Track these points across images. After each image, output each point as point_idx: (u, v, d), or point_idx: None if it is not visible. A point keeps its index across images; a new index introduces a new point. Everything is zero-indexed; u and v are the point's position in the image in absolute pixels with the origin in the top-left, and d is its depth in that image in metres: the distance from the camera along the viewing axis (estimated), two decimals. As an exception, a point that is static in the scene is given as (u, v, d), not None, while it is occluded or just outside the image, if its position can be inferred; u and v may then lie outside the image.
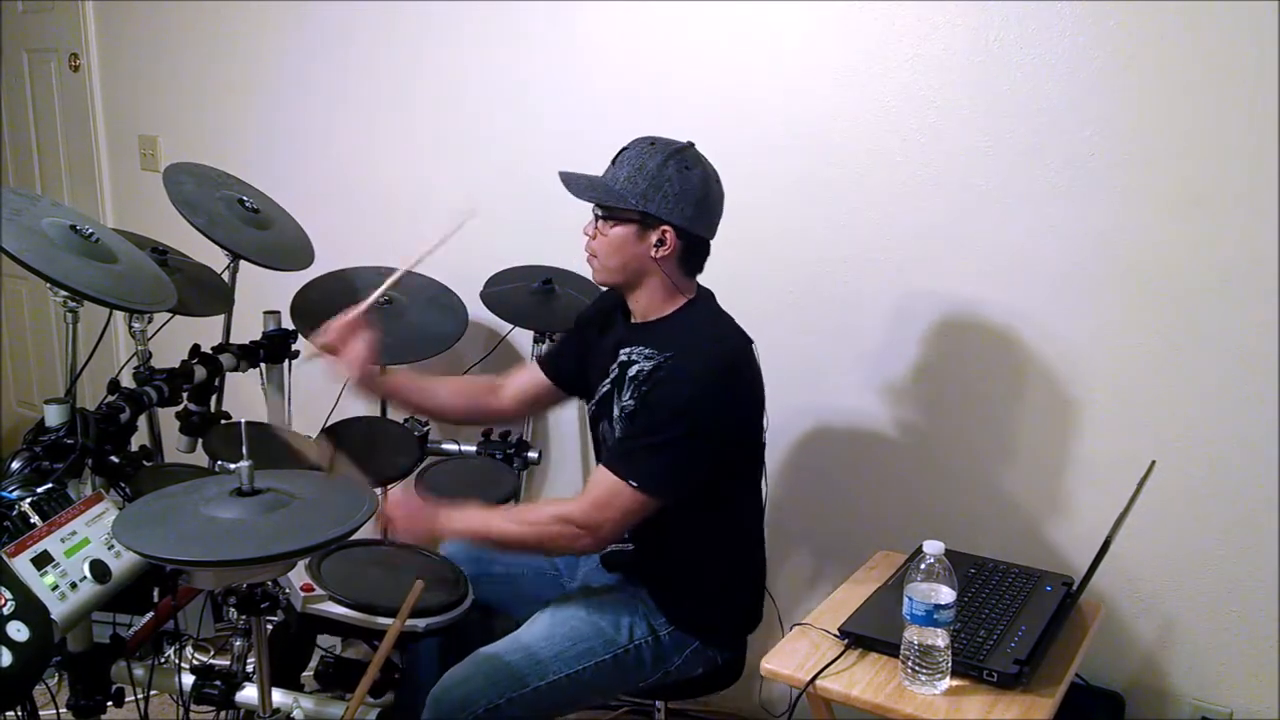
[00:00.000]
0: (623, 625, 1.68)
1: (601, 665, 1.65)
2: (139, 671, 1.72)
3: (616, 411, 1.68)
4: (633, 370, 1.65)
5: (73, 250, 1.70)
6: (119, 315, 2.85)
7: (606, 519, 1.59)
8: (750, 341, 1.69)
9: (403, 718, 1.71)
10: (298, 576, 1.64)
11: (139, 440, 1.95)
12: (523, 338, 2.51)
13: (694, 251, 1.67)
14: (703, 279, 1.82)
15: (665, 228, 1.61)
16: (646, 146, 1.64)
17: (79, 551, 1.43)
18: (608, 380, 1.70)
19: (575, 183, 1.67)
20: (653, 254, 1.63)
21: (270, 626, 1.71)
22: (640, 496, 1.57)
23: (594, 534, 1.61)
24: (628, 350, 1.68)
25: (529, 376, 1.91)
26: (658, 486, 1.58)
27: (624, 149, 1.66)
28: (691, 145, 1.67)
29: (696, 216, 1.62)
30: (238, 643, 1.89)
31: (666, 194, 1.60)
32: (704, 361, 1.60)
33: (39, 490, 1.51)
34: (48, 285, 1.69)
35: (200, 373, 2.05)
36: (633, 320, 1.72)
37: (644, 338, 1.67)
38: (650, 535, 1.72)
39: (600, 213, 1.67)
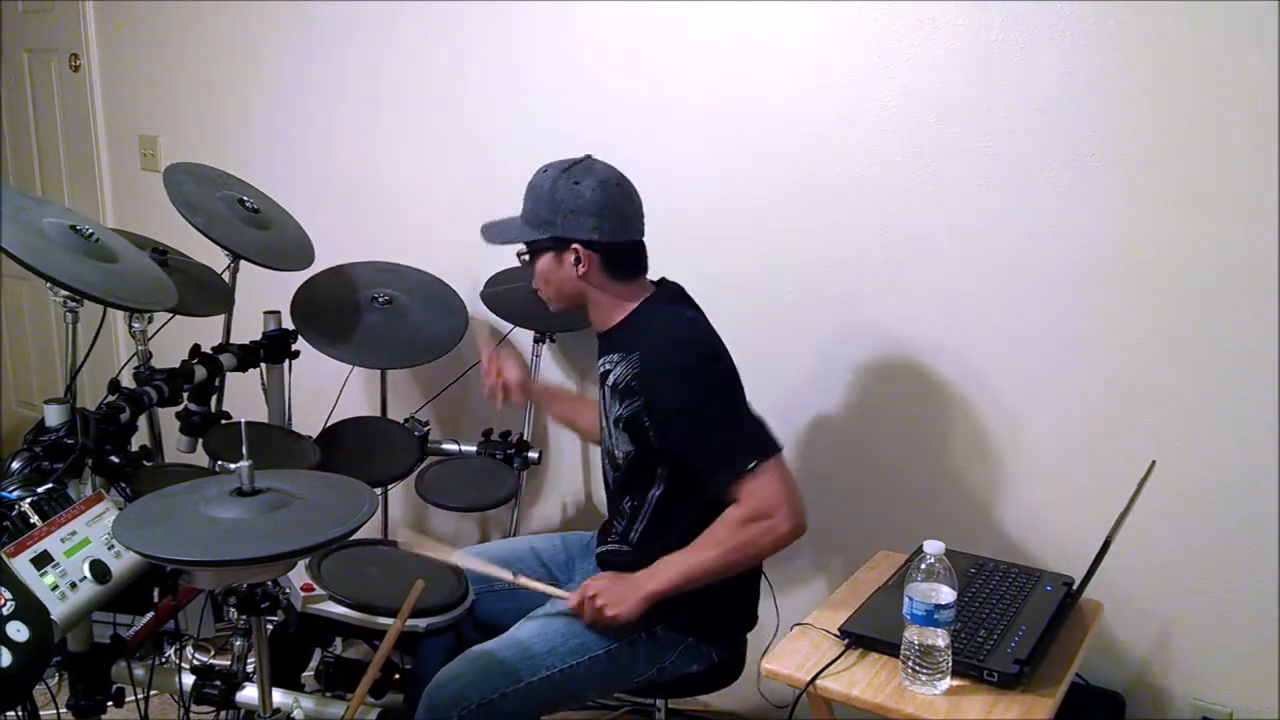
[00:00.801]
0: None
1: (595, 660, 1.65)
2: (139, 671, 1.72)
3: (609, 423, 1.72)
4: (610, 379, 1.68)
5: (73, 250, 1.70)
6: (119, 315, 2.86)
7: (775, 499, 1.57)
8: (708, 326, 1.72)
9: (410, 717, 1.71)
10: (298, 576, 1.64)
11: (139, 440, 1.95)
12: (523, 338, 2.51)
13: (617, 257, 1.68)
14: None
15: (575, 245, 1.64)
16: (540, 174, 1.69)
17: (79, 551, 1.43)
18: (599, 394, 1.75)
19: (491, 231, 1.73)
20: (576, 273, 1.66)
21: (270, 626, 1.71)
22: (767, 465, 1.57)
23: (787, 515, 1.58)
24: (601, 361, 1.72)
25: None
26: (763, 444, 1.59)
27: (529, 181, 1.70)
28: (585, 158, 1.68)
29: (600, 226, 1.64)
30: (238, 643, 1.89)
31: (565, 213, 1.63)
32: (673, 339, 1.64)
33: (39, 490, 1.51)
34: (47, 285, 1.69)
35: (200, 373, 2.05)
36: (597, 331, 1.75)
37: (609, 345, 1.71)
38: (645, 534, 1.73)
39: (520, 251, 1.72)
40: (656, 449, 1.67)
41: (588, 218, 1.63)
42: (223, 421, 2.18)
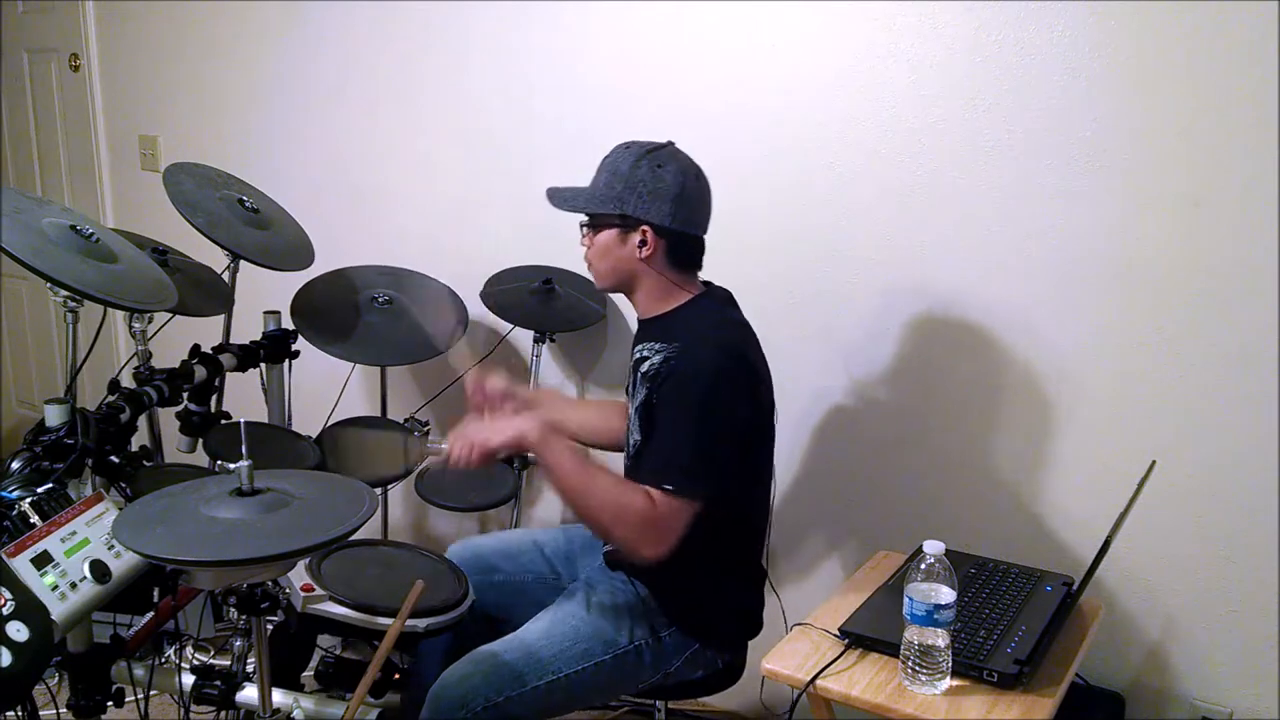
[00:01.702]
0: (623, 626, 1.68)
1: (601, 665, 1.65)
2: (139, 671, 1.72)
3: (633, 409, 1.70)
4: (644, 366, 1.66)
5: (73, 250, 1.70)
6: (119, 315, 2.86)
7: (665, 527, 1.55)
8: (753, 334, 1.71)
9: (410, 717, 1.71)
10: (298, 576, 1.64)
11: (139, 440, 1.95)
12: (523, 337, 2.51)
13: (682, 248, 1.67)
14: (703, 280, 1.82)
15: (644, 227, 1.63)
16: (622, 151, 1.67)
17: (79, 551, 1.43)
18: (629, 381, 1.74)
19: (558, 196, 1.71)
20: (638, 255, 1.65)
21: (270, 626, 1.71)
22: (680, 500, 1.54)
23: (656, 540, 1.55)
24: (639, 347, 1.70)
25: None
26: (695, 484, 1.55)
27: (606, 156, 1.69)
28: (669, 144, 1.68)
29: (675, 213, 1.63)
30: (238, 643, 1.89)
31: (641, 194, 1.62)
32: (713, 348, 1.60)
33: (39, 490, 1.51)
34: (48, 285, 1.69)
35: (200, 373, 2.05)
36: (640, 317, 1.74)
37: (650, 333, 1.69)
38: None
39: (585, 221, 1.70)
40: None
41: (665, 202, 1.62)
42: (223, 421, 2.18)
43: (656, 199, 1.62)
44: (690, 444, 1.57)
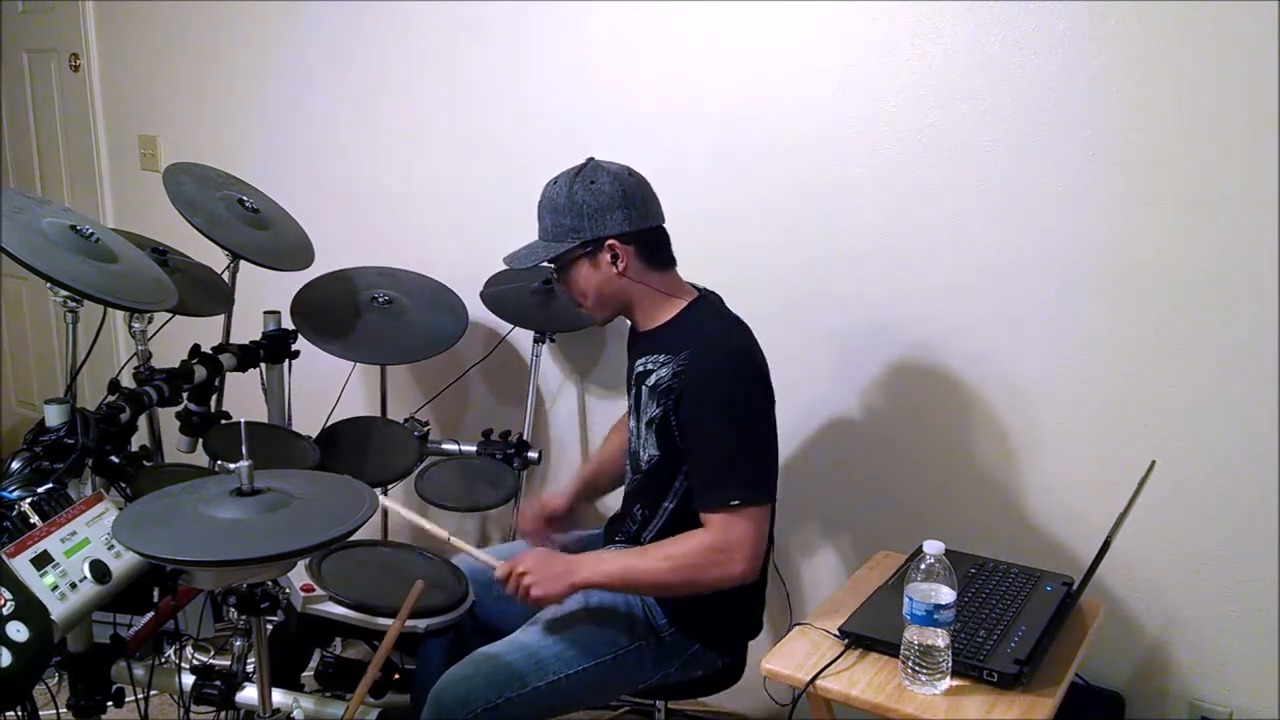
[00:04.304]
0: (623, 626, 1.68)
1: (601, 665, 1.65)
2: (139, 671, 1.72)
3: (641, 424, 1.69)
4: (651, 380, 1.65)
5: (73, 250, 1.70)
6: (119, 315, 2.86)
7: (733, 540, 1.55)
8: (751, 332, 1.71)
9: (413, 717, 1.71)
10: (298, 576, 1.64)
11: (139, 440, 1.95)
12: (523, 338, 2.51)
13: (649, 244, 1.67)
14: (701, 281, 1.82)
15: (609, 242, 1.62)
16: (550, 188, 1.66)
17: (79, 551, 1.43)
18: (631, 394, 1.73)
19: (516, 259, 1.69)
20: (615, 271, 1.64)
21: (270, 626, 1.71)
22: (750, 509, 1.55)
23: (742, 556, 1.55)
24: (642, 360, 1.69)
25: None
26: (761, 493, 1.57)
27: (539, 200, 1.68)
28: (589, 160, 1.66)
29: (628, 217, 1.62)
30: (238, 643, 1.89)
31: (589, 214, 1.61)
32: (723, 353, 1.61)
33: (39, 490, 1.51)
34: (48, 285, 1.69)
35: (200, 373, 2.05)
36: (640, 330, 1.73)
37: (653, 345, 1.68)
38: (654, 536, 1.72)
39: (552, 269, 1.69)
40: (682, 451, 1.64)
41: (615, 211, 1.61)
42: (223, 421, 2.18)
43: (606, 211, 1.61)
44: (736, 452, 1.57)
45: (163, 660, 1.75)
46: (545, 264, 1.68)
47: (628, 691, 1.75)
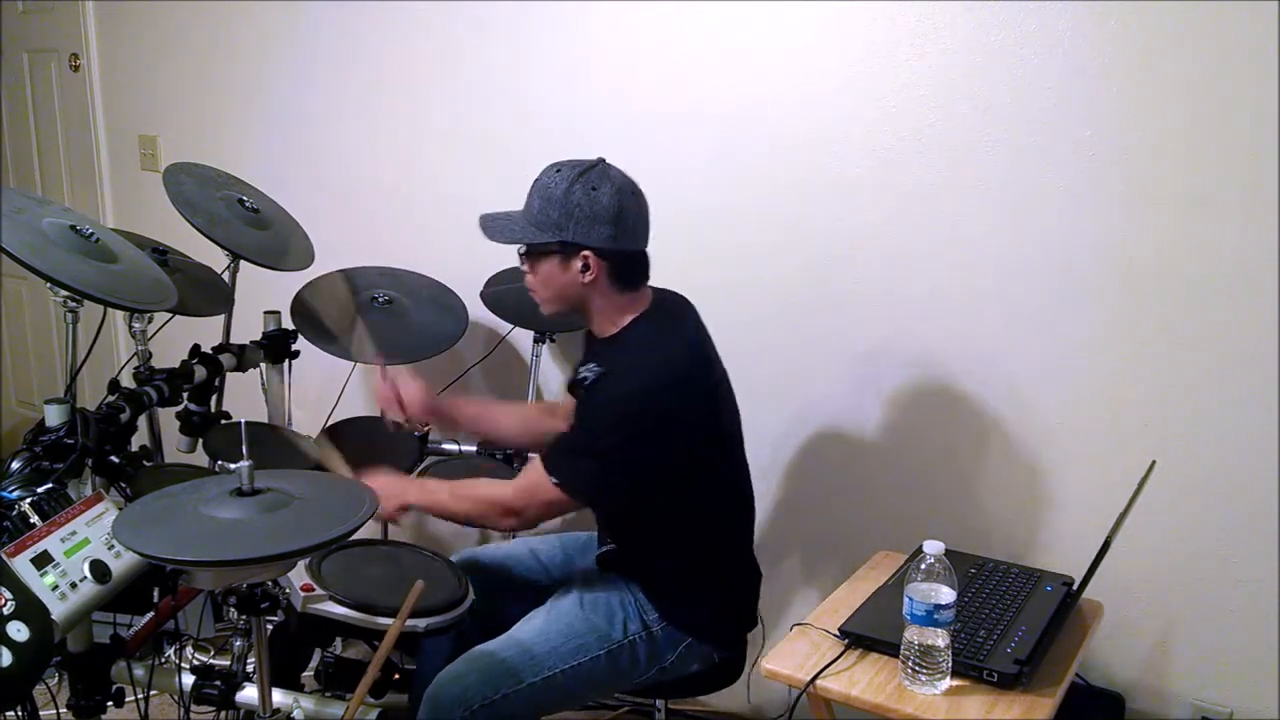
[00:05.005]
0: (616, 621, 1.69)
1: (596, 661, 1.66)
2: (139, 671, 1.72)
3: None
4: (584, 384, 1.66)
5: (73, 250, 1.70)
6: (119, 315, 2.86)
7: (530, 506, 1.64)
8: (696, 349, 1.69)
9: (412, 717, 1.71)
10: (298, 576, 1.64)
11: (139, 440, 1.95)
12: (523, 337, 2.51)
13: (625, 267, 1.64)
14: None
15: (585, 253, 1.60)
16: (553, 174, 1.62)
17: (79, 551, 1.43)
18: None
19: (492, 226, 1.67)
20: (582, 280, 1.62)
21: (270, 626, 1.71)
22: (560, 494, 1.60)
23: (519, 517, 1.66)
24: (583, 366, 1.69)
25: (570, 399, 1.91)
26: (578, 490, 1.62)
27: (536, 179, 1.65)
28: (600, 162, 1.63)
29: (615, 235, 1.60)
30: (238, 643, 1.89)
31: (578, 219, 1.58)
32: (638, 381, 1.59)
33: (39, 490, 1.51)
34: (48, 285, 1.69)
35: (200, 373, 2.05)
36: (595, 335, 1.72)
37: (598, 354, 1.68)
38: (630, 533, 1.73)
39: (523, 251, 1.66)
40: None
41: (603, 225, 1.59)
42: (223, 421, 2.18)
43: (595, 222, 1.58)
44: (596, 455, 1.60)
45: (163, 660, 1.75)
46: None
47: (625, 688, 1.75)
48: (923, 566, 1.44)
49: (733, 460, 1.76)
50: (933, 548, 1.45)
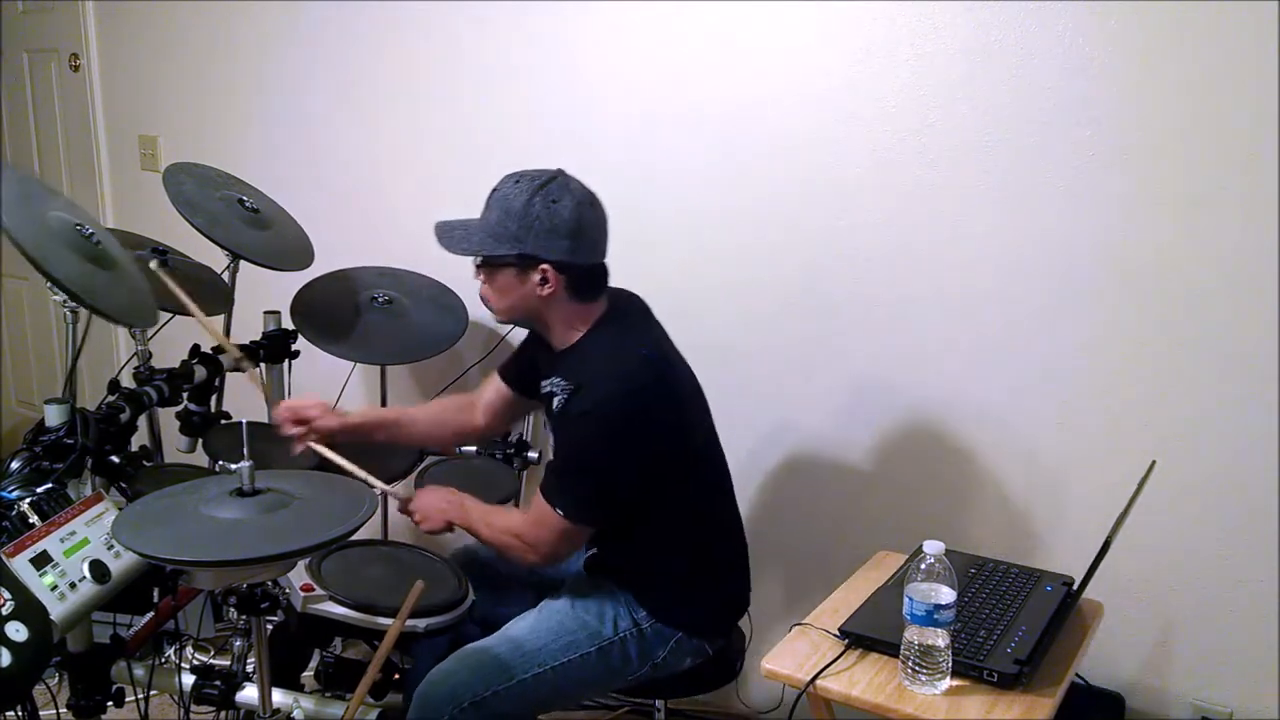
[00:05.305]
0: (606, 618, 1.69)
1: (587, 658, 1.66)
2: (139, 671, 1.72)
3: (554, 439, 1.70)
4: (554, 403, 1.64)
5: (73, 250, 1.70)
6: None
7: (541, 540, 1.65)
8: (656, 347, 1.68)
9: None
10: (298, 576, 1.64)
11: (139, 440, 1.95)
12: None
13: (584, 280, 1.63)
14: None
15: (544, 266, 1.58)
16: (512, 185, 1.60)
17: (78, 551, 1.43)
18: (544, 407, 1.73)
19: (448, 236, 1.64)
20: (539, 293, 1.60)
21: (270, 626, 1.71)
22: (566, 522, 1.61)
23: (538, 552, 1.66)
24: (548, 381, 1.67)
25: (494, 389, 1.91)
26: (582, 512, 1.62)
27: (494, 189, 1.63)
28: (559, 173, 1.62)
29: (574, 248, 1.58)
30: (238, 643, 1.89)
31: (537, 232, 1.56)
32: (607, 391, 1.59)
33: (39, 490, 1.51)
34: (47, 285, 1.69)
35: (200, 373, 2.05)
36: (552, 347, 1.70)
37: (559, 367, 1.66)
38: (608, 536, 1.73)
39: (479, 261, 1.64)
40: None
41: (562, 239, 1.57)
42: (223, 421, 2.18)
43: (554, 235, 1.56)
44: (584, 475, 1.62)
45: (163, 660, 1.75)
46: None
47: (617, 685, 1.75)
48: (923, 566, 1.44)
49: (707, 451, 1.76)
50: (933, 547, 1.45)
